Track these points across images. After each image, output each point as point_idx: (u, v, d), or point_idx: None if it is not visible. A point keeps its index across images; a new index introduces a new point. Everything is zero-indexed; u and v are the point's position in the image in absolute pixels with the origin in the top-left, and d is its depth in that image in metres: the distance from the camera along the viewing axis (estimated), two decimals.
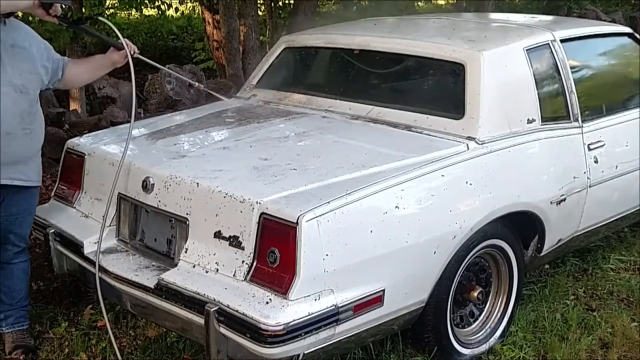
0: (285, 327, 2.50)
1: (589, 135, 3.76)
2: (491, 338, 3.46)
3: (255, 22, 8.21)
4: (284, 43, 4.32)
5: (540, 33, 3.79)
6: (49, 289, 4.01)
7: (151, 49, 10.88)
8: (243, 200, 2.73)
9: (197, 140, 3.51)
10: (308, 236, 2.57)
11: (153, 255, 3.12)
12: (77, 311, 3.76)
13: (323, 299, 2.60)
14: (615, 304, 3.93)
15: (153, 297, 2.89)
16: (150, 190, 3.06)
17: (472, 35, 3.88)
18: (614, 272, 4.30)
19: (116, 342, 3.35)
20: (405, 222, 2.86)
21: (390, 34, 4.04)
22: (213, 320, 2.61)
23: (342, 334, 2.70)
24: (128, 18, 11.54)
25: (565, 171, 3.59)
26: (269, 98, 4.08)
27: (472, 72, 3.37)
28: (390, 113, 3.53)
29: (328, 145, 3.32)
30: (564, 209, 3.57)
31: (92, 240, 3.23)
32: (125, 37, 3.46)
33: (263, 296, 2.60)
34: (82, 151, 3.52)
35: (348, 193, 2.72)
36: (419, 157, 3.06)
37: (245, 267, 2.70)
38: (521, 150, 3.39)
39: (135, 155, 3.31)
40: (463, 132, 3.27)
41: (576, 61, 3.90)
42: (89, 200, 3.44)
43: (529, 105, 3.50)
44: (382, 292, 2.78)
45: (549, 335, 3.57)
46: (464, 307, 3.38)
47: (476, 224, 3.08)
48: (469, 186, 3.09)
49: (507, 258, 3.44)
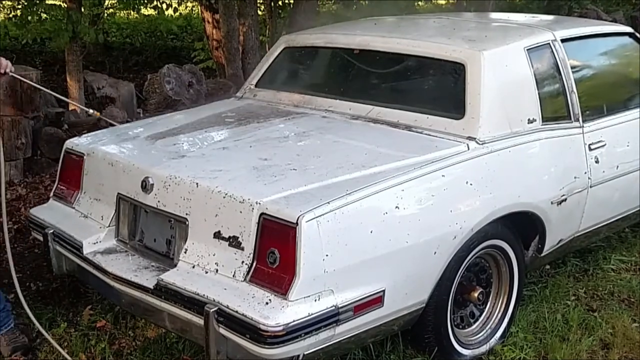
0: (285, 328, 2.50)
1: (590, 135, 3.76)
2: (492, 339, 3.46)
3: (255, 22, 8.21)
4: (284, 43, 4.32)
5: (541, 33, 3.79)
6: (48, 289, 4.01)
7: (150, 49, 10.88)
8: (243, 201, 2.74)
9: (197, 140, 3.51)
10: (308, 236, 2.57)
11: (152, 256, 3.13)
12: (76, 312, 3.76)
13: (323, 300, 2.60)
14: (616, 304, 3.94)
15: (152, 297, 2.89)
16: (150, 190, 3.06)
17: (472, 35, 3.88)
18: (615, 272, 4.31)
19: (115, 342, 3.35)
20: (405, 222, 2.86)
21: (391, 34, 4.04)
22: (213, 321, 2.61)
23: (342, 334, 2.70)
24: (127, 18, 11.54)
25: (566, 171, 3.59)
26: (268, 98, 4.08)
27: (472, 72, 3.37)
28: (390, 113, 3.53)
29: (328, 145, 3.32)
30: (565, 209, 3.57)
31: (91, 240, 3.24)
32: (125, 36, 3.44)
33: (263, 297, 2.60)
34: (81, 151, 3.52)
35: (348, 193, 2.72)
36: (419, 157, 3.07)
37: (245, 268, 2.70)
38: (522, 150, 3.39)
39: (134, 155, 3.31)
40: (463, 132, 3.28)
41: (577, 61, 3.90)
42: (88, 201, 3.44)
43: (530, 105, 3.50)
44: (382, 293, 2.78)
45: (550, 335, 3.57)
46: (464, 307, 3.39)
47: (477, 224, 3.08)
48: (469, 186, 3.10)
49: (507, 258, 3.44)
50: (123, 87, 7.00)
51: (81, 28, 6.38)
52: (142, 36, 11.12)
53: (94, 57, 10.10)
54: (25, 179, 5.57)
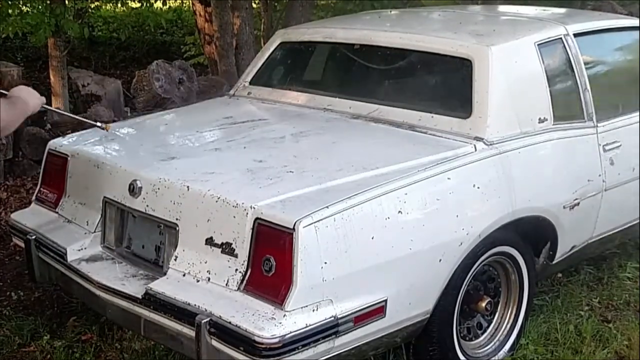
0: (281, 340, 2.51)
1: (604, 136, 3.76)
2: (500, 351, 3.47)
3: (249, 15, 8.21)
4: (280, 38, 4.33)
5: (553, 27, 3.80)
6: (30, 298, 4.01)
7: (138, 44, 10.88)
8: (236, 205, 2.74)
9: (188, 140, 3.52)
10: (305, 243, 2.57)
11: (141, 263, 3.13)
12: (60, 323, 3.76)
13: (321, 310, 2.60)
14: (632, 315, 3.94)
15: (141, 307, 2.90)
16: (138, 194, 3.06)
17: (480, 29, 3.89)
18: (631, 281, 4.31)
19: (101, 355, 3.35)
20: (408, 228, 2.86)
21: (393, 28, 4.06)
22: (204, 332, 2.61)
23: (341, 346, 2.71)
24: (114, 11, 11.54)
25: (579, 174, 3.60)
26: (263, 96, 4.09)
27: (480, 69, 3.38)
28: (392, 112, 3.54)
29: (327, 146, 3.32)
30: (578, 214, 3.58)
31: (75, 247, 3.24)
32: (112, 30, 3.43)
33: (258, 307, 2.60)
34: (65, 152, 3.53)
35: (348, 197, 2.73)
36: (424, 158, 3.07)
37: (239, 276, 2.70)
38: (532, 151, 3.39)
39: (121, 157, 3.32)
40: (470, 132, 3.28)
41: (591, 57, 3.91)
42: (73, 205, 3.44)
43: (541, 103, 3.51)
44: (384, 303, 2.79)
45: (562, 348, 3.58)
46: (471, 318, 3.39)
47: (484, 230, 3.09)
48: (476, 190, 3.10)
49: (517, 266, 3.45)
50: (109, 85, 7.00)
51: (65, 22, 6.38)
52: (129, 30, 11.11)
53: (78, 53, 10.09)
54: (5, 182, 5.57)
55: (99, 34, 10.87)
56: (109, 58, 10.53)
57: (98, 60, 10.35)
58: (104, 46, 10.76)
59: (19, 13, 6.79)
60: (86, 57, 10.29)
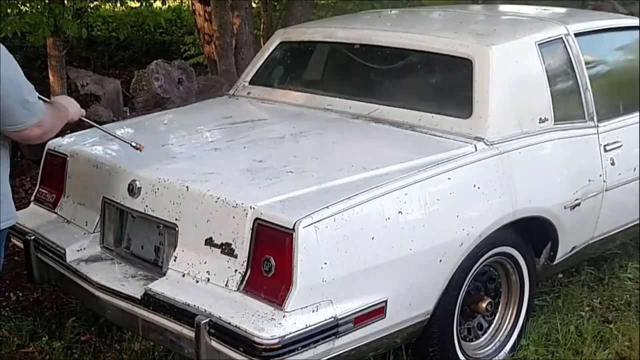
0: (281, 341, 2.51)
1: (605, 136, 3.77)
2: (500, 352, 3.47)
3: (249, 15, 8.21)
4: (280, 37, 4.33)
5: (553, 26, 3.80)
6: (29, 299, 4.01)
7: (137, 43, 10.87)
8: (236, 205, 2.74)
9: (187, 141, 3.52)
10: (305, 243, 2.57)
11: (140, 264, 3.13)
12: (59, 323, 3.77)
13: (321, 311, 2.61)
14: (633, 315, 3.94)
15: (140, 308, 2.90)
16: (137, 194, 3.06)
17: (480, 28, 3.89)
18: (632, 281, 4.31)
19: (100, 356, 3.35)
20: (409, 228, 2.86)
21: (393, 28, 4.06)
22: (204, 333, 2.61)
23: (341, 347, 2.71)
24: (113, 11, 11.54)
25: (579, 174, 3.60)
26: (263, 96, 4.09)
27: (480, 68, 3.38)
28: (393, 112, 3.54)
29: (327, 146, 3.32)
30: (579, 214, 3.58)
31: (75, 247, 3.24)
32: (111, 30, 3.42)
33: (257, 307, 2.60)
34: (64, 152, 3.53)
35: (348, 197, 2.73)
36: (424, 158, 3.07)
37: (239, 277, 2.71)
38: (533, 151, 3.40)
39: (120, 157, 3.32)
40: (471, 132, 3.28)
41: (591, 56, 3.91)
42: (72, 205, 3.44)
43: (541, 103, 3.51)
44: (384, 303, 2.79)
45: (562, 349, 3.58)
46: (471, 319, 3.39)
47: (485, 231, 3.09)
48: (477, 190, 3.10)
49: (517, 267, 3.45)
50: (109, 84, 7.00)
51: (64, 21, 6.38)
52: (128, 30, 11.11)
53: (77, 53, 10.08)
54: None
55: (98, 33, 10.86)
56: (108, 58, 10.52)
57: (97, 60, 10.35)
58: (103, 46, 10.75)
59: (18, 13, 6.78)
60: (85, 56, 10.28)
